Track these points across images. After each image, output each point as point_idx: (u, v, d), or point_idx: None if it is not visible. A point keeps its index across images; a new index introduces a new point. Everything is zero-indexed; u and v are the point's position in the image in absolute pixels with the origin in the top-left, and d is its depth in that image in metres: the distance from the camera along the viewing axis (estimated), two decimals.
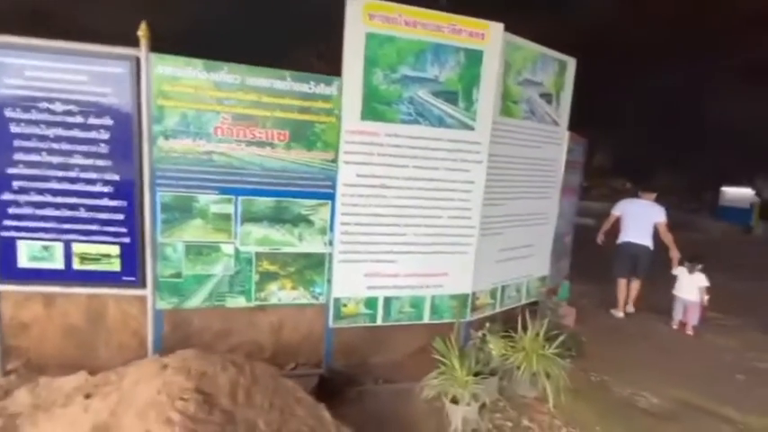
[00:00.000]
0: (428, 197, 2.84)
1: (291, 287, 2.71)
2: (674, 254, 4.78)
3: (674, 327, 4.71)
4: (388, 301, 2.91)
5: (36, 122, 2.24)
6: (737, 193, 15.16)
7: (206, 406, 1.56)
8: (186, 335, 2.81)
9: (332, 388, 2.87)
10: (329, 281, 2.76)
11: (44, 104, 2.22)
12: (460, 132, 2.82)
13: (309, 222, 2.66)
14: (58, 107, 2.24)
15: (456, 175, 2.87)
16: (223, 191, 2.47)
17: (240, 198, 2.51)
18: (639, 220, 4.71)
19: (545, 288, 3.80)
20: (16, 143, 2.24)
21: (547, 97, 3.32)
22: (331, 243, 2.71)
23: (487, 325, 3.07)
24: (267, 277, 2.65)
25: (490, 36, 2.76)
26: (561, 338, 3.14)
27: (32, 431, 1.62)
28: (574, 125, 3.63)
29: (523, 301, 3.63)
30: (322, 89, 2.52)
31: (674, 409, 3.07)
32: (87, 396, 1.67)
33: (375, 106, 2.61)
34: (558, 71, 3.34)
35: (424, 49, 2.63)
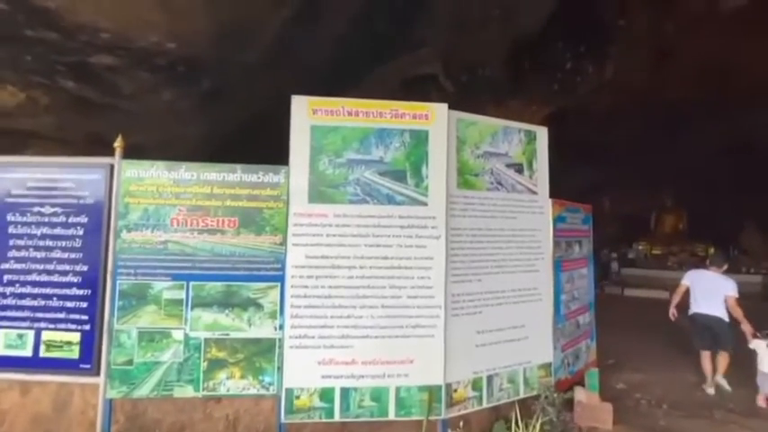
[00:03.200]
0: (383, 276, 2.73)
1: (240, 376, 2.61)
2: (746, 327, 4.28)
3: (761, 404, 4.06)
4: (345, 392, 2.66)
5: (29, 224, 2.63)
6: None
7: None
8: (141, 428, 2.75)
9: None
10: (280, 369, 2.62)
11: (37, 208, 2.63)
12: (412, 208, 2.78)
13: (259, 306, 2.65)
14: (47, 210, 2.63)
15: (411, 251, 2.76)
16: (175, 277, 2.60)
17: (191, 283, 2.61)
18: (709, 292, 4.41)
19: (551, 379, 3.24)
20: (11, 242, 2.62)
21: (516, 167, 3.22)
22: (281, 327, 2.64)
23: (461, 424, 2.63)
24: (215, 365, 2.60)
25: (435, 116, 2.85)
26: None
27: None
28: (638, 189, 3.44)
29: (522, 395, 3.11)
30: (270, 177, 2.70)
31: None
32: None
33: (322, 189, 2.72)
34: (525, 141, 3.28)
35: (367, 134, 2.78)
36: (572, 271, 3.67)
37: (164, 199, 2.63)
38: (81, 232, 2.61)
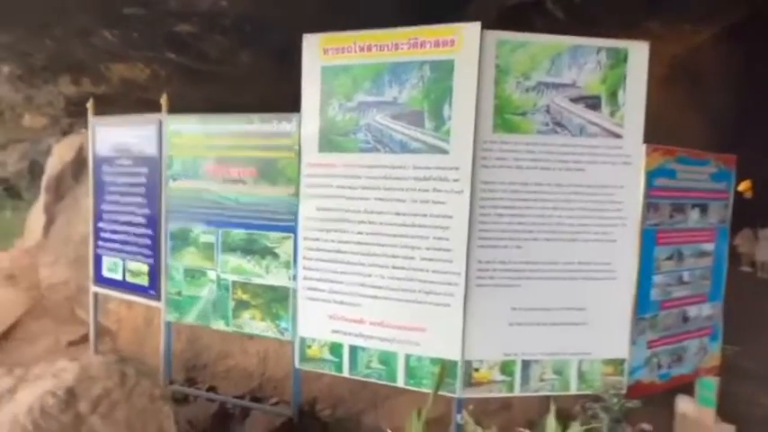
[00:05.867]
0: (394, 233, 2.44)
1: (260, 318, 2.77)
2: None
3: None
4: (353, 350, 2.57)
5: (115, 174, 3.19)
6: None
7: (64, 405, 1.78)
8: (197, 350, 3.23)
9: None
10: (294, 318, 2.68)
11: (118, 161, 3.16)
12: (430, 157, 2.35)
13: (275, 255, 2.70)
14: (124, 161, 3.14)
15: (428, 207, 2.37)
16: (209, 223, 2.84)
17: (221, 230, 2.81)
18: None
19: (622, 379, 2.51)
20: (105, 188, 3.24)
21: (588, 101, 2.39)
22: (295, 278, 2.66)
23: (470, 407, 2.26)
24: (241, 305, 2.80)
25: (463, 41, 2.28)
26: None
27: None
28: None
29: (574, 390, 2.50)
30: (283, 126, 2.63)
31: None
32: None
33: (332, 138, 2.52)
34: (608, 64, 2.39)
35: (380, 72, 2.41)
36: (679, 245, 2.67)
37: (198, 150, 2.84)
38: (144, 180, 3.05)
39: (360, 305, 2.53)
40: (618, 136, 2.43)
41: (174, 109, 6.49)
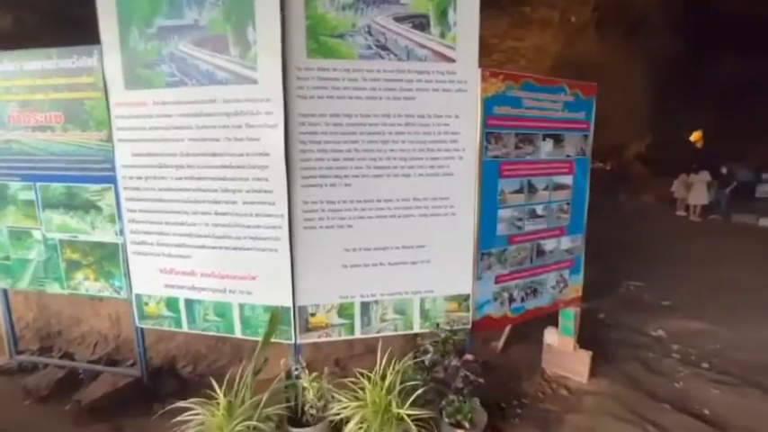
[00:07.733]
0: (213, 176, 2.24)
1: (94, 278, 2.56)
2: None
3: None
4: (189, 303, 2.43)
5: None
6: None
7: None
8: (48, 317, 3.02)
9: (141, 396, 2.58)
10: (126, 274, 2.49)
11: None
12: (239, 88, 2.12)
13: (98, 209, 2.46)
14: None
15: (242, 146, 2.17)
16: (24, 178, 2.54)
17: (38, 184, 2.52)
18: None
19: (468, 314, 2.49)
20: None
21: (414, 20, 2.18)
22: (122, 232, 2.44)
23: (302, 360, 2.19)
24: (72, 266, 2.58)
25: None
26: (419, 392, 1.99)
27: None
28: None
29: (418, 329, 2.47)
30: (84, 62, 2.30)
31: None
32: None
33: (138, 72, 2.23)
34: None
35: None
36: (529, 177, 2.59)
37: None
38: None
39: (190, 256, 2.36)
40: (450, 60, 2.25)
41: None
